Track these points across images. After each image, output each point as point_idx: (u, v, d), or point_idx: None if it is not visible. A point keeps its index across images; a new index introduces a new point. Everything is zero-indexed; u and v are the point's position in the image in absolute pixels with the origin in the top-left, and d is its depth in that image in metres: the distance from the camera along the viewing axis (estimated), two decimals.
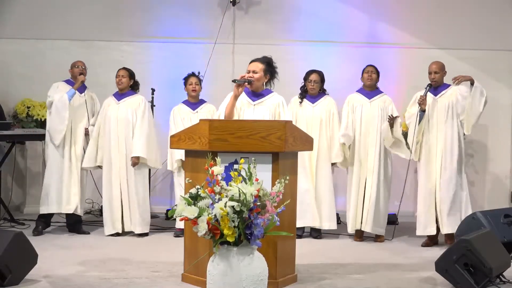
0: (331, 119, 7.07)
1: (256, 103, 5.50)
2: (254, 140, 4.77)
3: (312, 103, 7.10)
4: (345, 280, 5.24)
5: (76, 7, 8.70)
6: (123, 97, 7.18)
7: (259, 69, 5.41)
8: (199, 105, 7.25)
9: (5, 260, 4.77)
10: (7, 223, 7.52)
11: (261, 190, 4.23)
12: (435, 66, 6.77)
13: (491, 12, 8.76)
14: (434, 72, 6.74)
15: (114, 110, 7.12)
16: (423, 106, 6.67)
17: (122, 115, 7.10)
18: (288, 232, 4.57)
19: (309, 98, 7.12)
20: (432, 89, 6.76)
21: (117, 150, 7.05)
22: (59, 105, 6.97)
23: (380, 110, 6.96)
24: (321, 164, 7.01)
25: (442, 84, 6.79)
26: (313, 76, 7.08)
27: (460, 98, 6.68)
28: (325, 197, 7.01)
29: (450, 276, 4.91)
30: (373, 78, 7.04)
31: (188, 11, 8.79)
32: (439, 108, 6.72)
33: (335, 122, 7.07)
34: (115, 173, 7.05)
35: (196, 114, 7.15)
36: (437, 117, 6.72)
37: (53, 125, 7.03)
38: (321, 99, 7.11)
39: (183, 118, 7.15)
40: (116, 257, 5.97)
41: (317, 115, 7.04)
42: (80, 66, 7.18)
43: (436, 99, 6.75)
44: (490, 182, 8.85)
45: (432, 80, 6.73)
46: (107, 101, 7.22)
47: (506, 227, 5.69)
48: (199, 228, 4.16)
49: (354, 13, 8.84)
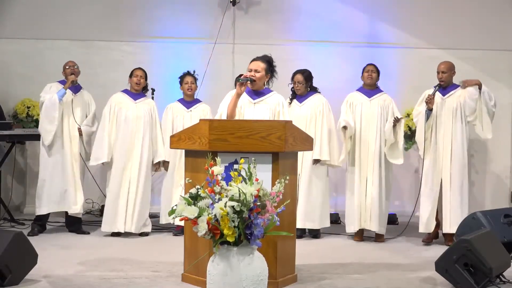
0: (317, 116, 7.01)
1: (257, 101, 5.50)
2: (254, 140, 4.77)
3: (299, 102, 7.09)
4: (345, 280, 5.24)
5: (76, 7, 8.70)
6: (138, 97, 7.21)
7: (261, 68, 5.42)
8: (193, 104, 7.27)
9: (5, 260, 4.77)
10: (7, 223, 7.52)
11: (261, 190, 4.23)
12: (443, 66, 6.80)
13: (491, 12, 8.76)
14: (442, 72, 6.77)
15: (132, 110, 7.13)
16: (430, 105, 6.69)
17: (141, 115, 7.12)
18: (288, 232, 4.57)
19: (298, 98, 7.12)
20: (441, 89, 6.78)
21: (133, 150, 7.07)
22: (49, 105, 6.97)
23: (380, 108, 6.96)
24: (307, 163, 6.97)
25: (451, 85, 6.81)
26: (297, 77, 7.07)
27: (468, 99, 6.71)
28: (316, 197, 6.99)
29: (450, 276, 4.91)
30: (373, 77, 7.04)
31: (188, 11, 8.80)
32: (447, 108, 6.74)
33: (324, 119, 6.99)
34: (127, 172, 7.06)
35: (189, 113, 7.20)
36: (445, 117, 6.75)
37: (43, 125, 7.03)
38: (309, 98, 7.08)
39: (176, 115, 7.22)
40: (116, 257, 5.97)
41: (303, 114, 7.01)
42: (71, 66, 7.16)
43: (444, 99, 6.77)
44: (490, 182, 8.84)
45: (440, 80, 6.75)
46: (117, 99, 7.18)
47: (506, 227, 5.69)
48: (199, 228, 4.16)
49: (354, 13, 8.84)
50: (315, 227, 7.01)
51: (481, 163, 8.82)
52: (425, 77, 6.88)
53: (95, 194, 8.05)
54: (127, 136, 7.08)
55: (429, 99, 6.68)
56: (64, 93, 7.02)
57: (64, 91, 7.03)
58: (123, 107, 7.13)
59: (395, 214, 7.88)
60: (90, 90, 7.39)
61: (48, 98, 6.99)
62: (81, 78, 7.23)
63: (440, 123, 6.77)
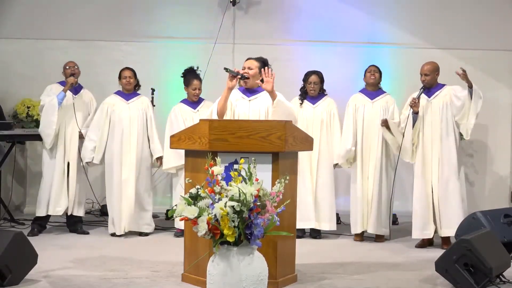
0: (332, 119, 7.07)
1: (251, 99, 5.50)
2: (254, 140, 4.77)
3: (312, 104, 7.09)
4: (345, 280, 5.24)
5: (76, 7, 8.70)
6: (131, 97, 7.22)
7: (255, 66, 5.44)
8: (199, 104, 7.26)
9: (5, 260, 4.77)
10: (7, 223, 7.52)
11: (261, 190, 4.23)
12: (426, 68, 6.67)
13: (491, 12, 8.76)
14: (425, 74, 6.65)
15: (125, 111, 7.14)
16: (416, 108, 6.59)
17: (134, 115, 7.14)
18: (288, 232, 4.58)
19: (309, 99, 7.11)
20: (426, 91, 6.69)
21: (130, 150, 7.08)
22: (48, 108, 6.98)
23: (382, 110, 6.94)
24: (322, 165, 7.00)
25: (435, 85, 6.72)
26: (313, 77, 7.08)
27: (454, 98, 6.61)
28: (325, 198, 7.00)
29: (450, 276, 4.91)
30: (376, 77, 7.03)
31: (188, 11, 8.79)
32: (434, 109, 6.65)
33: (336, 122, 7.07)
34: (126, 173, 7.06)
35: (197, 113, 7.17)
36: (432, 118, 6.64)
37: (42, 129, 7.06)
38: (322, 100, 7.11)
39: (185, 118, 7.15)
40: (116, 257, 5.97)
41: (318, 116, 7.04)
42: (71, 66, 7.15)
43: (430, 100, 6.68)
44: (490, 182, 8.84)
45: (423, 82, 6.68)
46: (111, 101, 7.20)
47: (506, 227, 5.69)
48: (199, 228, 4.16)
49: (354, 13, 8.83)
50: (331, 228, 7.03)
51: (481, 163, 8.82)
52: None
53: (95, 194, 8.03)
54: (122, 137, 7.08)
55: (413, 102, 6.57)
56: (63, 96, 7.00)
57: (64, 94, 7.01)
58: (116, 109, 7.14)
59: (395, 214, 7.87)
60: (90, 90, 7.39)
61: (48, 101, 6.99)
62: (81, 78, 7.23)
63: (426, 125, 6.65)
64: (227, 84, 5.32)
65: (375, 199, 6.85)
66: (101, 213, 8.16)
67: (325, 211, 6.98)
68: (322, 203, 6.99)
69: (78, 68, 7.19)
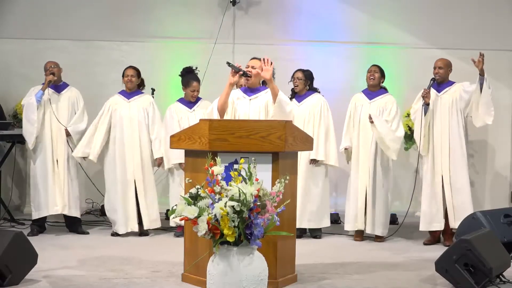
0: (319, 118, 6.98)
1: (252, 98, 5.51)
2: (254, 140, 4.77)
3: (298, 102, 7.09)
4: (345, 280, 5.24)
5: (76, 7, 8.70)
6: (132, 96, 7.22)
7: (258, 66, 5.45)
8: (195, 103, 7.25)
9: (5, 260, 4.77)
10: (7, 223, 7.52)
11: (261, 190, 4.23)
12: (440, 62, 6.82)
13: (491, 12, 8.76)
14: (439, 67, 6.78)
15: (125, 109, 7.15)
16: (427, 99, 6.69)
17: (134, 114, 7.14)
18: (288, 232, 4.58)
19: (297, 97, 7.11)
20: (436, 86, 6.78)
21: (132, 149, 7.08)
22: (28, 107, 6.97)
23: (378, 111, 6.94)
24: (304, 162, 6.95)
25: (446, 81, 6.81)
26: (297, 73, 7.07)
27: (463, 94, 6.72)
28: (315, 197, 6.99)
29: (450, 276, 4.91)
30: (376, 77, 7.02)
31: (188, 11, 8.80)
32: (443, 104, 6.75)
33: (321, 119, 6.99)
34: (130, 172, 7.07)
35: (193, 113, 7.18)
36: (441, 113, 6.75)
37: (24, 128, 7.03)
38: (308, 97, 7.08)
39: (180, 117, 7.16)
40: (116, 257, 5.97)
41: (301, 114, 7.00)
42: (49, 66, 7.13)
43: (439, 95, 6.78)
44: (490, 182, 8.84)
45: (436, 75, 6.75)
46: (114, 100, 7.21)
47: (506, 227, 5.69)
48: (199, 228, 4.16)
49: (354, 13, 8.84)
50: (312, 226, 7.02)
51: (481, 163, 8.82)
52: (425, 77, 6.86)
53: (95, 194, 8.04)
54: (122, 136, 7.08)
55: (425, 93, 6.69)
56: (41, 94, 6.98)
57: (42, 92, 6.99)
58: (118, 108, 7.15)
59: (395, 214, 7.87)
60: (89, 90, 7.39)
61: (27, 101, 6.99)
62: (81, 78, 7.25)
63: (436, 119, 6.77)
64: (228, 80, 5.33)
65: (370, 198, 6.87)
66: (101, 213, 8.16)
67: (312, 208, 6.97)
68: (311, 202, 6.97)
69: (58, 66, 7.15)
